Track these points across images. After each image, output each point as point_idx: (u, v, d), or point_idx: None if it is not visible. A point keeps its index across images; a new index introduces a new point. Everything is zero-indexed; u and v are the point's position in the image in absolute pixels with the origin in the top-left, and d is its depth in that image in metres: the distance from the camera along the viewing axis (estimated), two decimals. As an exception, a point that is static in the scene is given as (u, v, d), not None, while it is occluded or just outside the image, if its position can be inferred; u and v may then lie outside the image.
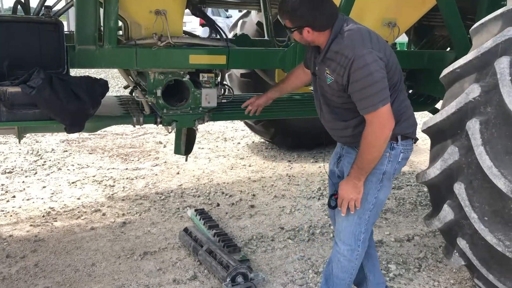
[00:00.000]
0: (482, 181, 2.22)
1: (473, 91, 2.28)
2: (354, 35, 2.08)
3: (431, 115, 4.11)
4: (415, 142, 2.35)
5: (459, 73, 2.44)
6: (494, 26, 2.41)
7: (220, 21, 14.92)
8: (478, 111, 2.27)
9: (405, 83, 3.64)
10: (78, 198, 4.08)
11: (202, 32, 11.23)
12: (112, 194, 4.19)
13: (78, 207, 3.91)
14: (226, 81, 4.94)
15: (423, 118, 5.74)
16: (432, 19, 4.19)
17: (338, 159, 2.49)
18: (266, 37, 4.08)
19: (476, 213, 2.25)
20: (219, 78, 3.24)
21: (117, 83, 9.58)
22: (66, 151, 5.35)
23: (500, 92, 2.15)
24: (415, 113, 2.39)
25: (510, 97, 2.11)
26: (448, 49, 4.32)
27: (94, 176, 4.60)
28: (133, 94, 3.13)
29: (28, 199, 4.03)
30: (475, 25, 2.56)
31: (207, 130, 6.34)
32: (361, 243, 2.33)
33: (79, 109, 2.38)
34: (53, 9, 2.71)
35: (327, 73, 2.15)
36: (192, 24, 14.20)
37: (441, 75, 2.57)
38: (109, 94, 2.82)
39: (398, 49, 4.97)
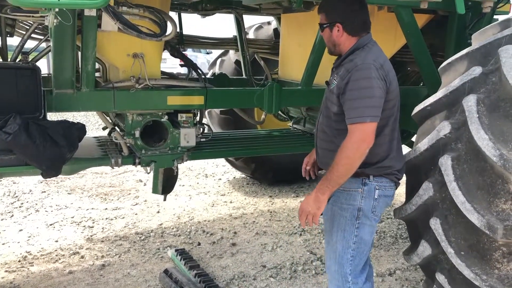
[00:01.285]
0: (457, 216, 2.26)
1: (443, 128, 2.35)
2: (373, 52, 2.16)
3: (408, 148, 4.19)
4: (396, 184, 2.33)
5: (430, 110, 2.52)
6: (461, 65, 2.51)
7: (200, 57, 15.17)
8: (449, 147, 2.33)
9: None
10: (56, 241, 4.00)
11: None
12: (91, 236, 4.12)
13: (56, 250, 3.83)
14: (206, 118, 4.99)
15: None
16: (404, 55, 4.33)
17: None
18: (244, 76, 4.16)
19: (453, 247, 2.28)
20: (197, 118, 3.27)
21: (96, 120, 9.54)
22: (44, 191, 5.27)
23: (469, 129, 2.22)
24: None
25: (478, 134, 2.17)
26: (422, 84, 4.45)
27: (72, 217, 4.53)
28: (111, 135, 3.14)
29: (3, 244, 3.93)
30: (443, 64, 2.65)
31: (187, 167, 6.33)
32: (351, 284, 2.26)
33: (56, 154, 2.37)
34: (30, 54, 2.73)
35: (334, 78, 2.20)
36: (172, 60, 14.38)
37: (413, 113, 2.64)
38: (88, 133, 2.82)
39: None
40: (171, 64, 13.00)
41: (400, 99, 3.70)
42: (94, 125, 8.98)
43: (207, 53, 17.09)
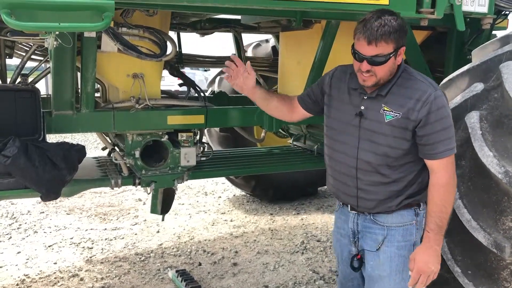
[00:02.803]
0: (463, 234, 2.22)
1: (447, 145, 2.33)
2: (422, 75, 1.99)
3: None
4: None
5: (432, 127, 2.50)
6: (462, 81, 2.50)
7: (199, 74, 15.22)
8: (453, 164, 2.31)
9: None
10: (55, 263, 3.95)
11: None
12: (91, 257, 4.07)
13: (55, 272, 3.77)
14: (206, 136, 4.97)
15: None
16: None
17: (354, 240, 2.13)
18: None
19: (459, 267, 2.25)
20: (197, 137, 3.25)
21: (95, 139, 9.52)
22: (43, 212, 5.22)
23: (472, 146, 2.20)
24: None
25: (482, 151, 2.15)
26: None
27: (71, 238, 4.47)
28: (111, 156, 3.11)
29: (1, 267, 3.87)
30: (444, 81, 2.65)
31: (187, 185, 6.29)
32: None
33: (55, 177, 2.34)
34: (30, 76, 2.72)
35: (385, 109, 1.93)
36: (170, 77, 14.41)
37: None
38: (87, 151, 2.79)
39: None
40: (169, 82, 13.00)
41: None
42: (93, 143, 8.96)
43: (205, 70, 17.16)
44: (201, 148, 3.25)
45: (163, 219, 3.83)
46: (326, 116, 2.17)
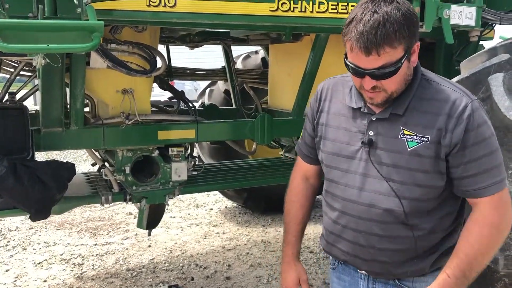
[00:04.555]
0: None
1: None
2: (446, 80, 1.49)
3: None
4: None
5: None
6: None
7: (188, 84, 15.17)
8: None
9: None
10: (45, 281, 3.88)
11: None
12: (81, 274, 4.01)
13: (45, 290, 3.71)
14: (196, 148, 4.94)
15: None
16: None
17: None
18: (234, 106, 4.15)
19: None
20: (188, 151, 3.23)
21: (85, 152, 9.43)
22: (32, 228, 5.14)
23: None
24: None
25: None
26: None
27: (61, 255, 4.41)
28: (101, 172, 3.08)
29: (-10, 286, 3.80)
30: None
31: (178, 198, 6.23)
32: None
33: (45, 196, 2.31)
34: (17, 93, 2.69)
35: (405, 133, 1.41)
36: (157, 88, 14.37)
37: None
38: (76, 164, 2.76)
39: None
40: (158, 92, 12.97)
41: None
42: (82, 156, 8.87)
43: (194, 80, 17.11)
44: (192, 162, 3.23)
45: (149, 234, 3.79)
46: (320, 150, 1.63)
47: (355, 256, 1.56)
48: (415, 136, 1.40)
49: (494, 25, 3.25)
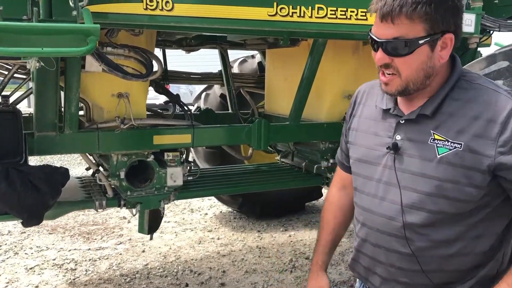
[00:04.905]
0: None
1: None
2: (493, 82, 1.35)
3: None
4: None
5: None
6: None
7: (183, 87, 15.12)
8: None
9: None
10: (36, 286, 3.82)
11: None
12: (74, 279, 3.95)
13: (36, 296, 3.66)
14: (192, 153, 4.91)
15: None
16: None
17: None
18: (230, 111, 4.12)
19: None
20: (184, 156, 3.20)
21: (79, 155, 9.37)
22: (24, 232, 5.07)
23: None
24: None
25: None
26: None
27: (54, 260, 4.35)
28: (95, 176, 3.04)
29: (-20, 291, 3.74)
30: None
31: (173, 202, 6.19)
32: None
33: (38, 202, 2.26)
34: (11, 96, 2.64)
35: (435, 138, 1.27)
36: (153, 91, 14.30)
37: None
38: (70, 167, 2.72)
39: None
40: (153, 95, 12.93)
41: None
42: (76, 159, 8.80)
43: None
44: (188, 167, 3.19)
45: (151, 238, 3.75)
46: (350, 157, 1.53)
47: (374, 273, 1.42)
48: (446, 142, 1.24)
49: (492, 32, 3.25)
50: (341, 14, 2.43)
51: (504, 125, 1.20)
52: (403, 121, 1.34)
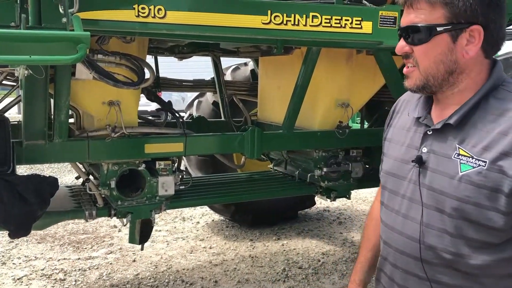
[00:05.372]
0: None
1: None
2: None
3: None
4: None
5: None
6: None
7: (175, 94, 15.07)
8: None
9: (362, 160, 3.66)
10: (24, 298, 3.75)
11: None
12: (63, 290, 3.88)
13: (24, 308, 3.57)
14: (184, 161, 4.86)
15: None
16: (382, 95, 4.35)
17: None
18: (223, 118, 4.08)
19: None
20: (176, 164, 3.15)
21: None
22: (12, 241, 4.96)
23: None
24: (375, 189, 1.92)
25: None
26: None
27: (42, 270, 4.26)
28: (85, 185, 2.98)
29: (-34, 303, 3.65)
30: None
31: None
32: None
33: (25, 213, 2.21)
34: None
35: (461, 153, 1.14)
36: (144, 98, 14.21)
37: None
38: (60, 175, 2.66)
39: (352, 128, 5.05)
40: (145, 102, 12.85)
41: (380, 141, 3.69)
42: (66, 167, 8.70)
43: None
44: (180, 176, 3.15)
45: (142, 249, 3.70)
46: (381, 169, 1.44)
47: None
48: (471, 158, 1.12)
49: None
50: (335, 23, 2.41)
51: None
52: (431, 132, 1.22)
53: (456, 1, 1.12)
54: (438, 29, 1.13)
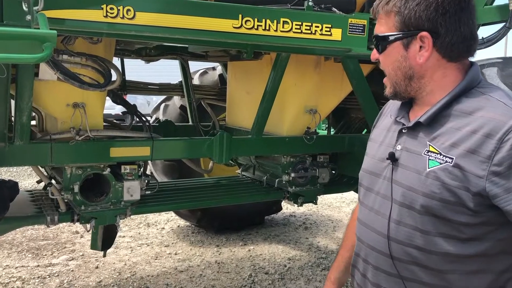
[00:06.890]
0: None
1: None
2: (509, 95, 1.20)
3: (356, 194, 4.19)
4: None
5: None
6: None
7: (140, 98, 14.84)
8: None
9: (329, 165, 3.70)
10: (-21, 307, 3.58)
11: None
12: (20, 299, 3.73)
13: (-22, 318, 3.41)
14: (149, 165, 4.77)
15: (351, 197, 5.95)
16: (348, 102, 4.41)
17: None
18: (190, 123, 4.04)
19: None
20: (142, 169, 3.09)
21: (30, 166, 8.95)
22: (-34, 248, 4.76)
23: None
24: (341, 194, 1.90)
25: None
26: (365, 131, 4.53)
27: (-1, 278, 4.09)
28: (47, 190, 2.88)
29: None
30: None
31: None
32: None
33: (-18, 218, 2.10)
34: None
35: (430, 150, 1.17)
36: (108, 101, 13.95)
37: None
38: (19, 180, 2.56)
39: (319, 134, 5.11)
40: (109, 105, 12.60)
41: (347, 147, 3.74)
42: (26, 170, 8.41)
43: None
44: (146, 180, 3.08)
45: (104, 255, 3.60)
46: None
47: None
48: (438, 155, 1.14)
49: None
50: (306, 29, 2.43)
51: (501, 142, 1.07)
52: (405, 130, 1.26)
53: (403, 10, 1.18)
54: (390, 38, 1.21)
